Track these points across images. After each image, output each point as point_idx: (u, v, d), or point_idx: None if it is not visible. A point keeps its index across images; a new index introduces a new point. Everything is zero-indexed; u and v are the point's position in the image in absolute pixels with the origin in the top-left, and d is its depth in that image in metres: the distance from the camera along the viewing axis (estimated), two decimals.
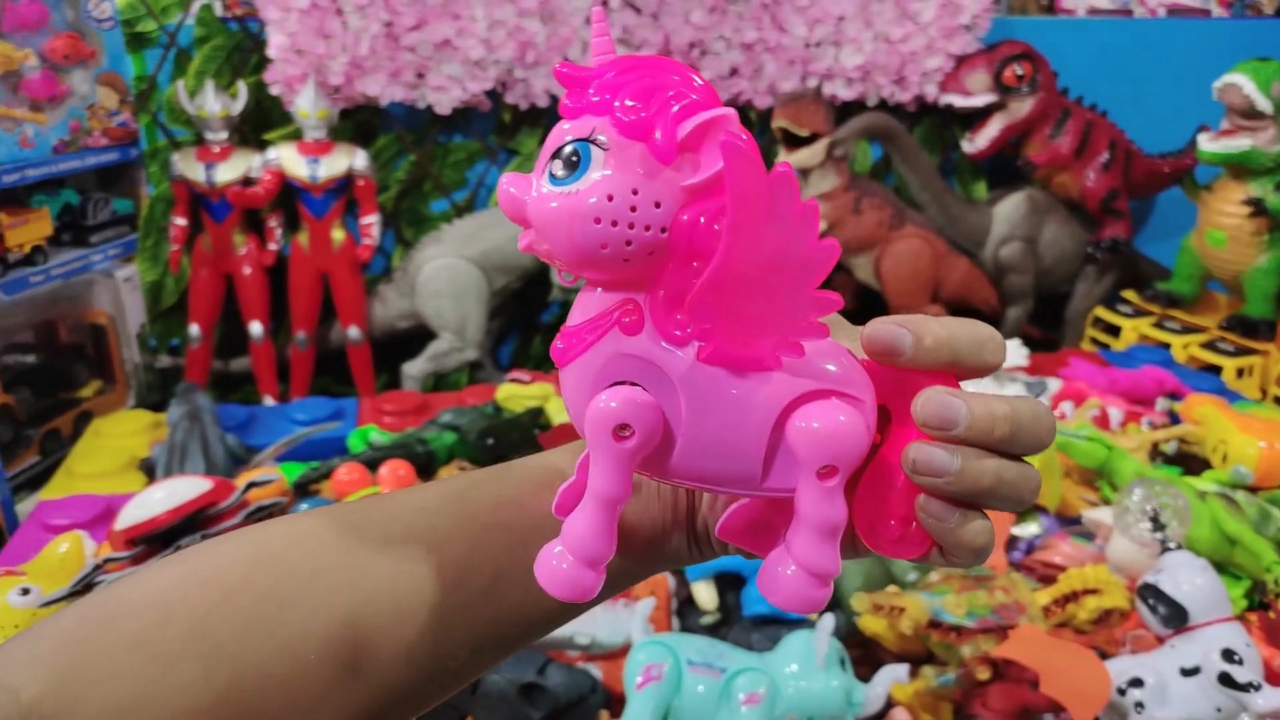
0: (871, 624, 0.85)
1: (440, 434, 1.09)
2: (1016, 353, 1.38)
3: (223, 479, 0.89)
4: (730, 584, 0.90)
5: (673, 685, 0.72)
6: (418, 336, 1.58)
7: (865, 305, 1.77)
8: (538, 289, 1.66)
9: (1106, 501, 1.01)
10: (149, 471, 1.13)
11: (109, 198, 1.51)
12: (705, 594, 0.85)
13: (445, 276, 1.50)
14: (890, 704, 0.78)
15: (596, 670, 0.80)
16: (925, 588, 0.83)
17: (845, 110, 1.63)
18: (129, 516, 0.83)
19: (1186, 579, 0.77)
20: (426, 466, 1.05)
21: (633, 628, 0.79)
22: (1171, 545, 0.82)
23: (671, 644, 0.75)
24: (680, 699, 0.72)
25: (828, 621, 0.75)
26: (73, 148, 1.43)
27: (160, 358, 1.57)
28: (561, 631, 0.78)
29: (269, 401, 1.50)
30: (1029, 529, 0.98)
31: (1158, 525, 0.84)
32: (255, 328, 1.49)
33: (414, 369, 1.53)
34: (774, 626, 0.82)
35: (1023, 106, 1.64)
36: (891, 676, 0.75)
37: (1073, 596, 0.81)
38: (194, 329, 1.49)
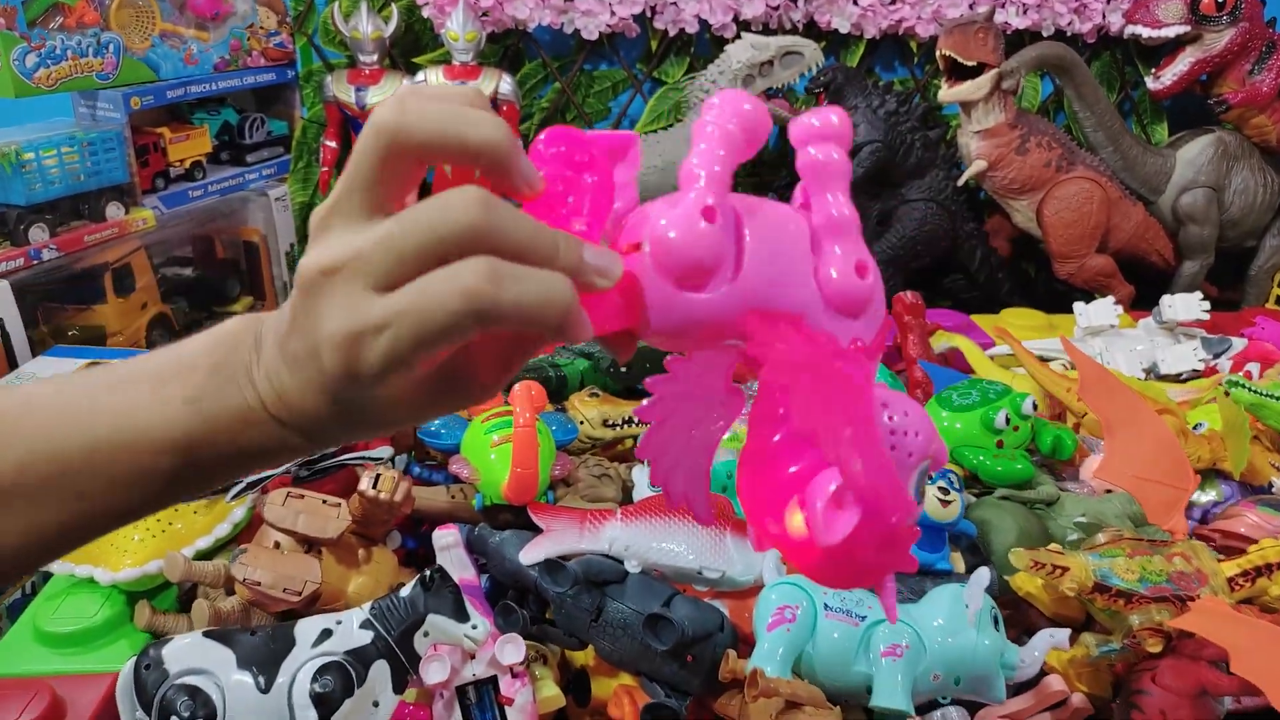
0: (1026, 583, 0.79)
1: (573, 360, 1.07)
2: (1194, 307, 1.25)
3: None
4: None
5: (806, 630, 0.68)
6: None
7: (1021, 252, 1.65)
8: None
9: None
10: None
11: (265, 118, 1.54)
12: None
13: None
14: (1043, 670, 0.71)
15: (723, 607, 0.76)
16: (1092, 548, 0.76)
17: (1016, 40, 1.51)
18: None
19: None
20: (559, 391, 1.04)
21: (765, 566, 0.75)
22: None
23: (807, 586, 0.71)
24: (814, 645, 0.68)
25: (983, 575, 0.69)
26: (232, 67, 1.47)
27: None
28: (689, 564, 0.75)
29: None
30: (1207, 495, 0.89)
31: None
32: None
33: None
34: (918, 578, 0.77)
35: (1219, 39, 1.47)
36: (1050, 641, 0.69)
37: (1265, 569, 0.72)
38: None
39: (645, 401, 0.36)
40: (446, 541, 0.76)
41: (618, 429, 0.97)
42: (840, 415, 0.28)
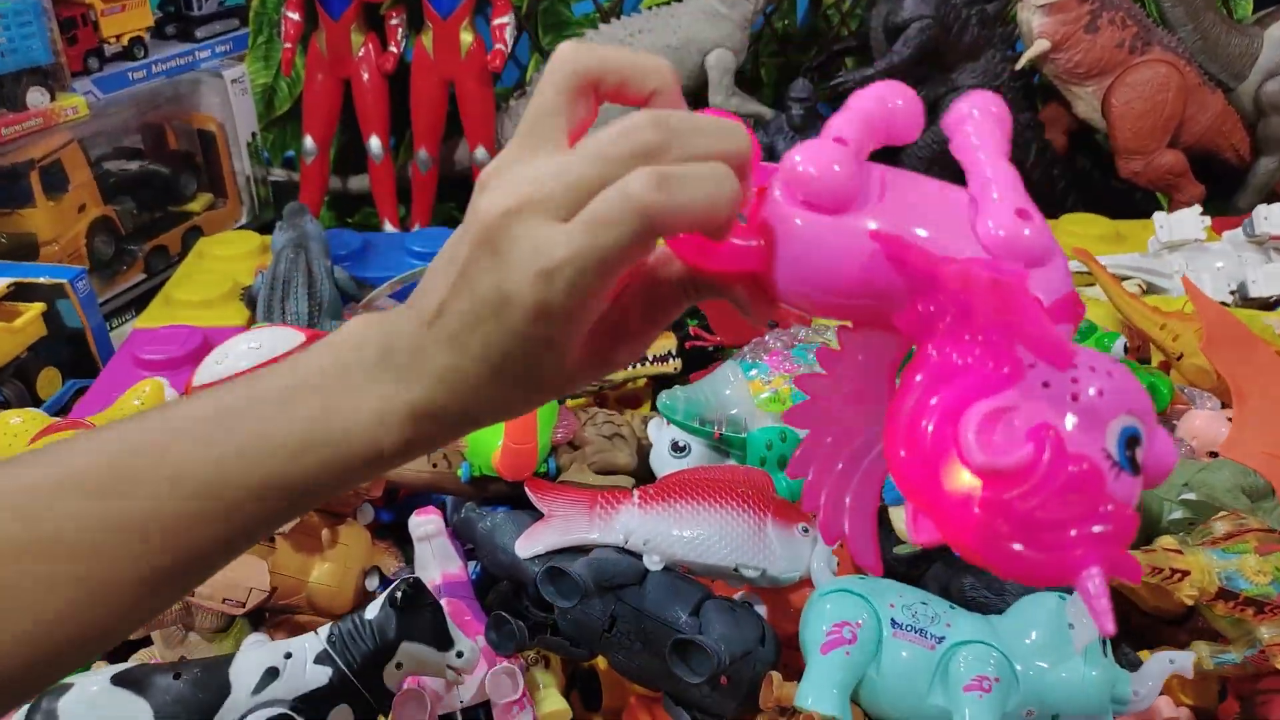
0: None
1: None
2: None
3: (319, 332, 0.74)
4: None
5: (869, 652, 0.55)
6: None
7: (1079, 147, 1.47)
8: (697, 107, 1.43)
9: None
10: (250, 304, 1.00)
11: None
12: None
13: None
14: None
15: (760, 606, 0.63)
16: (1211, 543, 0.62)
17: None
18: (208, 372, 0.69)
19: None
20: None
21: (813, 562, 0.62)
22: None
23: (868, 593, 0.57)
24: (878, 669, 0.55)
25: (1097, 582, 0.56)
26: None
27: (274, 170, 1.43)
28: (723, 560, 0.61)
29: (389, 228, 1.35)
30: None
31: None
32: (374, 144, 1.32)
33: None
34: None
35: None
36: (1169, 668, 0.56)
37: None
38: (308, 141, 1.33)
39: (797, 404, 0.32)
40: (426, 530, 0.63)
41: (629, 368, 0.83)
42: (1032, 317, 0.23)
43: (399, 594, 0.51)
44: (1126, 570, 0.23)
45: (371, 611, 0.52)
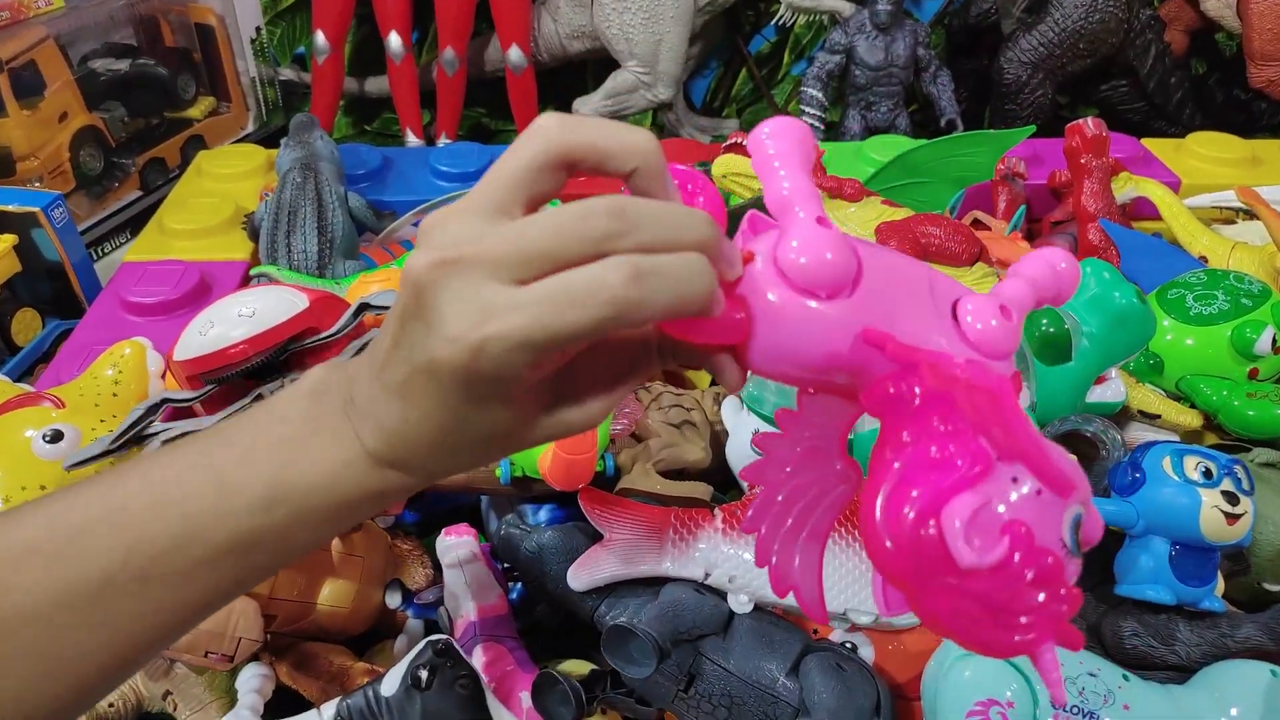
0: None
1: None
2: None
3: (326, 294, 0.61)
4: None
5: None
6: (596, 64, 1.23)
7: (1198, 51, 1.28)
8: (750, 3, 1.26)
9: None
10: (254, 234, 0.87)
11: None
12: None
13: None
14: None
15: (866, 648, 0.51)
16: None
17: None
18: (192, 343, 0.56)
19: None
20: None
21: None
22: None
23: (1023, 667, 0.45)
24: None
25: None
26: None
27: (282, 70, 1.27)
28: (832, 604, 0.49)
29: (411, 139, 1.20)
30: None
31: None
32: (393, 41, 1.16)
33: (587, 106, 1.19)
34: (1166, 617, 0.51)
35: None
36: None
37: None
38: (319, 38, 1.17)
39: (753, 461, 0.33)
40: (458, 555, 0.51)
41: None
42: (1007, 420, 0.25)
43: (423, 672, 0.40)
44: (1071, 641, 0.25)
45: (389, 686, 0.41)
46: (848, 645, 0.52)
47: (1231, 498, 0.49)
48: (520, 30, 1.16)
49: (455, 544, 0.51)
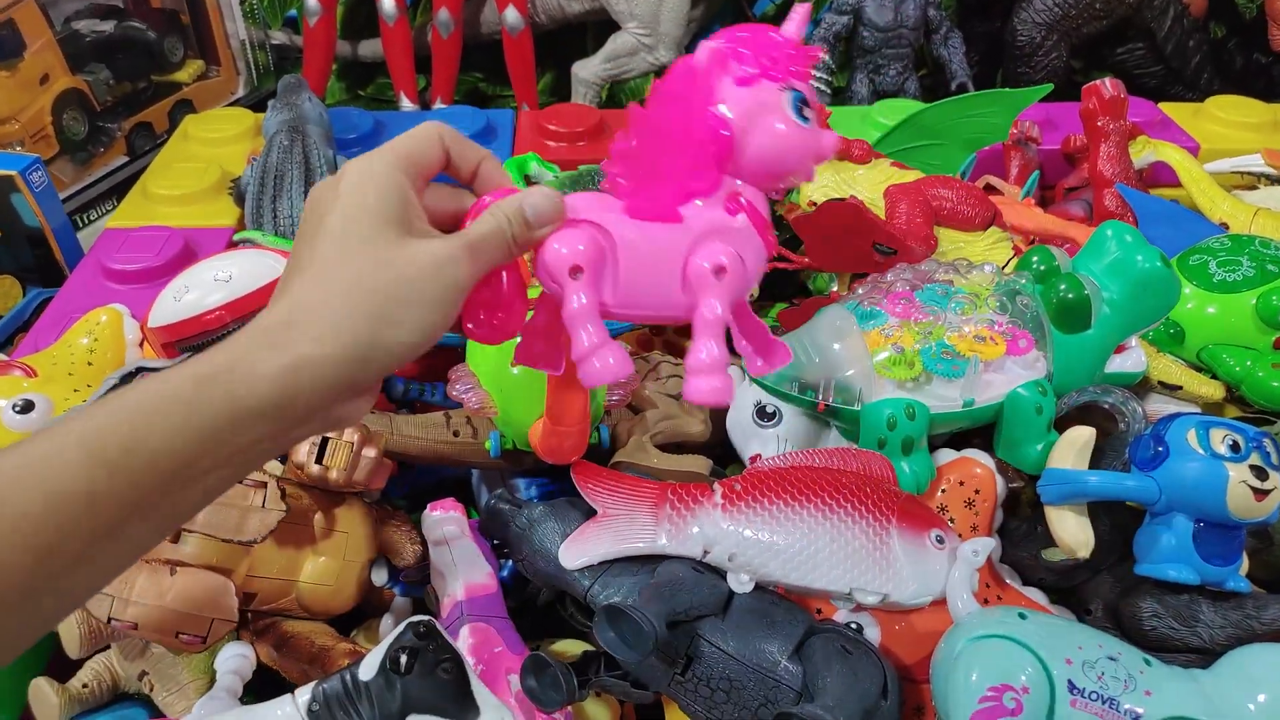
0: None
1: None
2: None
3: None
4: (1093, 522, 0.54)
5: None
6: (597, 25, 1.19)
7: (1217, 13, 1.24)
8: None
9: None
10: (240, 199, 0.84)
11: None
12: (1073, 527, 0.50)
13: None
14: None
15: (872, 629, 0.49)
16: None
17: None
18: (166, 309, 0.54)
19: None
20: None
21: (951, 586, 0.47)
22: None
23: (1037, 644, 0.42)
24: None
25: None
26: None
27: (273, 33, 1.24)
28: (835, 585, 0.47)
29: (406, 104, 1.17)
30: None
31: None
32: (386, 2, 1.12)
33: (586, 71, 1.15)
34: (1189, 598, 0.48)
35: None
36: None
37: None
38: (311, 0, 1.13)
39: None
40: (446, 530, 0.48)
41: None
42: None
43: (402, 655, 0.37)
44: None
45: (367, 670, 0.39)
46: (853, 626, 0.49)
47: (1260, 473, 0.47)
48: None
49: (441, 519, 0.49)
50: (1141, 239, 0.54)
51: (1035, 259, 0.55)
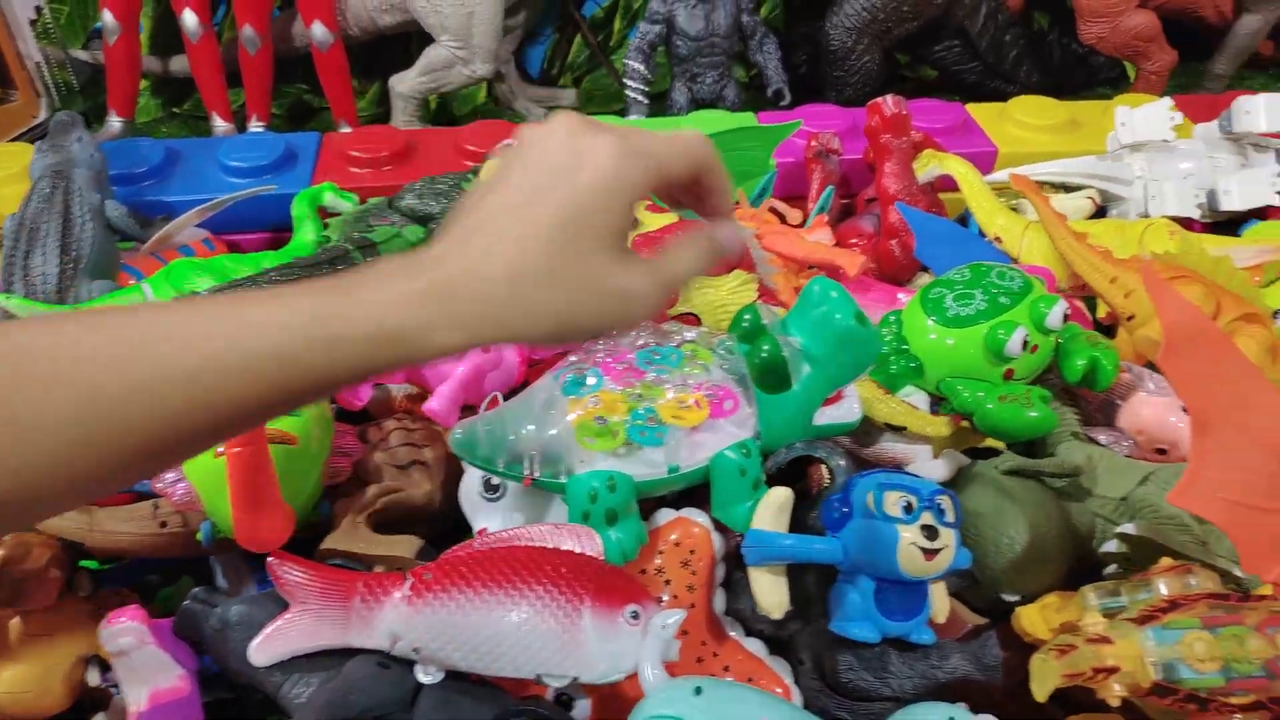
0: (1034, 625, 0.53)
1: (393, 230, 0.72)
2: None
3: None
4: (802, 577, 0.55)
5: None
6: (420, 36, 1.17)
7: (1042, 3, 1.26)
8: None
9: None
10: None
11: None
12: (768, 588, 0.51)
13: None
14: None
15: (582, 700, 0.50)
16: (1149, 616, 0.48)
17: None
18: None
19: None
20: None
21: (640, 659, 0.48)
22: None
23: (718, 711, 0.43)
24: None
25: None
26: None
27: (75, 51, 1.18)
28: (521, 670, 0.47)
29: (219, 124, 1.13)
30: None
31: None
32: (189, 19, 1.08)
33: (403, 85, 1.13)
34: (877, 651, 0.50)
35: None
36: None
37: None
38: (107, 17, 1.08)
39: None
40: (121, 644, 0.47)
41: None
42: None
43: None
44: None
45: None
46: (564, 698, 0.50)
47: (931, 532, 0.48)
48: (323, 5, 1.09)
49: (115, 632, 0.48)
50: (845, 296, 0.54)
51: (746, 317, 0.55)
